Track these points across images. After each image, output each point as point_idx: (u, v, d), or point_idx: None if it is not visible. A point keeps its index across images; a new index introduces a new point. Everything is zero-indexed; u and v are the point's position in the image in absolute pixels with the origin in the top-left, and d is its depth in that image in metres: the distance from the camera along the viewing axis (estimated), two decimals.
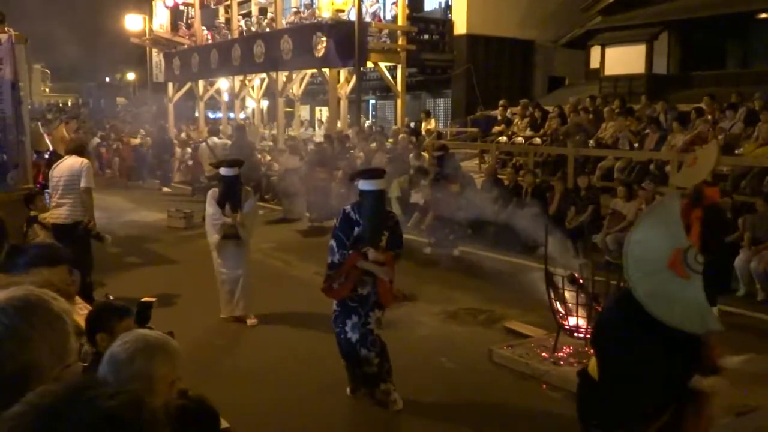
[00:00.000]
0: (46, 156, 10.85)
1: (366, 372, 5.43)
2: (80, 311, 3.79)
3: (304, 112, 27.40)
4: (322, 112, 27.26)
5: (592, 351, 3.61)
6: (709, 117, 12.36)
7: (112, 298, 3.52)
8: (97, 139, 23.46)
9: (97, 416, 1.15)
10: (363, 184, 5.37)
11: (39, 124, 14.37)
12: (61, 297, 1.73)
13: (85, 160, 7.85)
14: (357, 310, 5.38)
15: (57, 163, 8.08)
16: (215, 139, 15.59)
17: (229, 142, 16.25)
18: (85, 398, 1.17)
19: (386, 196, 5.51)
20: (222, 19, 25.43)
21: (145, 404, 1.20)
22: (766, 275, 8.39)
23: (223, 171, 7.61)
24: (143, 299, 3.17)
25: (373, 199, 5.34)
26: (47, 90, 49.08)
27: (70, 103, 45.55)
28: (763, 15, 16.54)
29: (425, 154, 14.43)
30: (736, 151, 11.35)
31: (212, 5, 25.85)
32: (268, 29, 21.84)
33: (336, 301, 5.47)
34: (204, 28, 25.39)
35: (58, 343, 1.61)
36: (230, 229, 7.45)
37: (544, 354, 6.32)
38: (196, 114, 27.88)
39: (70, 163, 7.80)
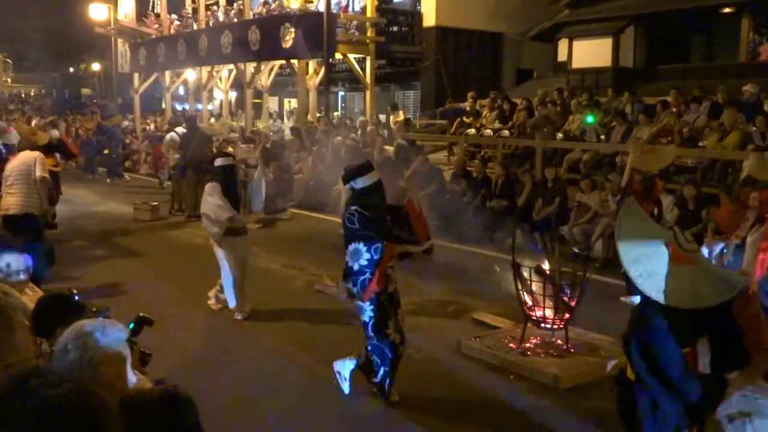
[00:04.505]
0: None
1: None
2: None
3: (272, 103, 27.19)
4: (291, 104, 27.09)
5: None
6: (674, 110, 12.52)
7: (75, 291, 3.43)
8: (56, 132, 22.96)
9: (40, 405, 1.13)
10: (362, 182, 5.23)
11: None
12: (14, 291, 1.69)
13: (39, 153, 7.88)
14: (394, 309, 5.32)
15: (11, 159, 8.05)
16: (180, 130, 15.45)
17: None
18: (29, 387, 1.16)
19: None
20: (189, 9, 25.11)
21: (91, 393, 1.18)
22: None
23: (218, 162, 7.50)
24: (143, 315, 3.12)
25: (378, 191, 5.27)
26: (9, 80, 47.92)
27: (32, 94, 44.67)
28: (727, 9, 16.78)
29: (388, 148, 14.38)
30: (700, 144, 11.53)
31: None
32: (235, 19, 21.63)
33: (371, 306, 5.24)
34: (174, 16, 25.04)
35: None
36: (239, 224, 7.43)
37: (511, 345, 6.37)
38: (163, 105, 27.53)
39: (24, 155, 7.88)
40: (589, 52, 17.93)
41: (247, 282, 7.63)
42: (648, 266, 3.29)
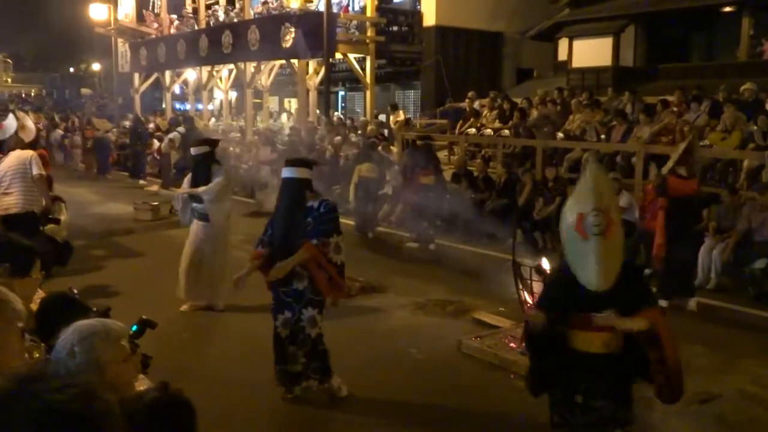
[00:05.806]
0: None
1: (290, 370, 5.29)
2: None
3: (272, 103, 27.20)
4: (291, 104, 27.10)
5: None
6: (675, 109, 12.52)
7: (76, 291, 3.43)
8: (60, 132, 22.94)
9: (42, 410, 1.11)
10: (284, 172, 5.32)
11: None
12: (10, 295, 1.68)
13: (33, 152, 7.87)
14: (291, 305, 5.21)
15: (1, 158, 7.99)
16: (182, 129, 15.47)
17: None
18: (30, 391, 1.14)
19: (301, 184, 5.21)
20: (189, 8, 25.13)
21: (96, 397, 1.16)
22: (726, 264, 8.53)
23: (192, 151, 7.73)
24: (146, 317, 3.12)
25: (283, 186, 5.29)
26: (9, 80, 47.94)
27: (33, 94, 44.68)
28: (727, 8, 16.78)
29: (393, 148, 14.37)
30: (701, 143, 11.51)
31: None
32: (236, 19, 21.63)
33: (273, 294, 5.35)
34: (174, 16, 25.06)
35: None
36: (201, 211, 7.45)
37: (512, 344, 6.36)
38: (164, 105, 27.54)
39: (18, 154, 7.80)
40: (590, 52, 17.93)
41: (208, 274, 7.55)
42: (567, 220, 3.59)
